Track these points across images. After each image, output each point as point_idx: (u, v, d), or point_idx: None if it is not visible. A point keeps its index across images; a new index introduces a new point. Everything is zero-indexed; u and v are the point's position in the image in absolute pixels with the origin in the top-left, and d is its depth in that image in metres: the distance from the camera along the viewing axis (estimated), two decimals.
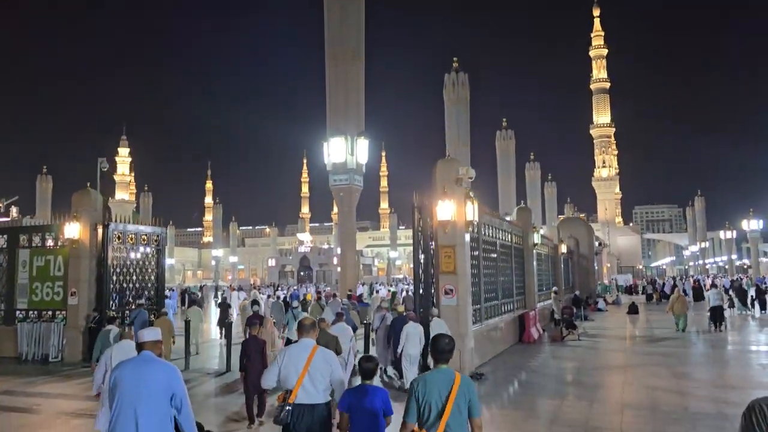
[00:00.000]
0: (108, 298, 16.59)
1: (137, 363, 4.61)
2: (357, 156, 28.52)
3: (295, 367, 5.00)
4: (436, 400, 4.10)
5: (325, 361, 5.08)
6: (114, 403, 4.45)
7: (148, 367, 4.55)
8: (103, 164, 16.78)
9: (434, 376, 4.22)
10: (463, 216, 13.24)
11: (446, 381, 4.15)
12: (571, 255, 37.67)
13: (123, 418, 4.36)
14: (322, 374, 5.02)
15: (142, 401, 4.36)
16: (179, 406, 4.52)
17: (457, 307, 13.11)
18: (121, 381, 4.48)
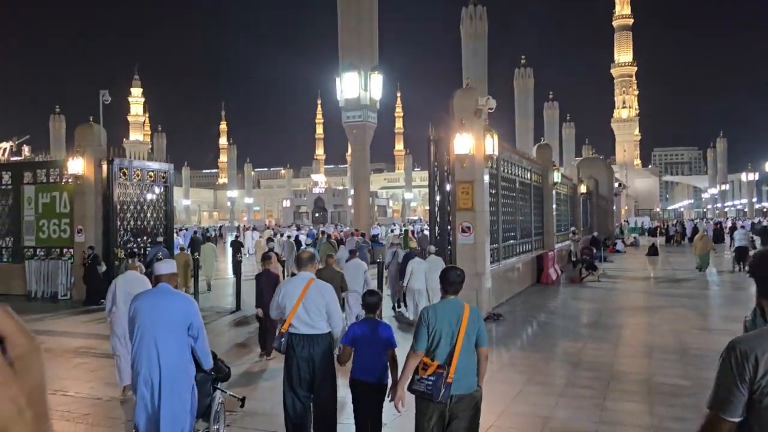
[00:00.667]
0: (115, 236, 16.19)
1: (155, 294, 4.79)
2: (371, 92, 27.54)
3: (290, 299, 5.14)
4: (446, 329, 4.11)
5: (320, 293, 5.17)
6: (135, 331, 4.64)
7: (166, 297, 4.72)
8: (105, 97, 16.08)
9: (444, 307, 4.23)
10: (482, 150, 12.45)
11: (456, 311, 4.17)
12: (590, 196, 36.78)
13: (144, 345, 4.57)
14: (317, 305, 5.10)
15: (161, 329, 4.55)
16: (195, 335, 4.66)
17: (474, 245, 12.49)
18: (141, 311, 4.66)
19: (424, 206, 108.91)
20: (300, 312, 5.10)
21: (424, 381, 4.09)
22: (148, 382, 4.58)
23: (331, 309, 5.21)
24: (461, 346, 4.07)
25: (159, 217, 17.86)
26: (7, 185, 17.69)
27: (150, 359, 4.56)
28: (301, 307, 5.09)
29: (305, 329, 5.10)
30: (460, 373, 4.05)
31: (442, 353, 4.09)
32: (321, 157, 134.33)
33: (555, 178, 21.75)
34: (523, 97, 74.78)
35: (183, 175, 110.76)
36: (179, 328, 4.60)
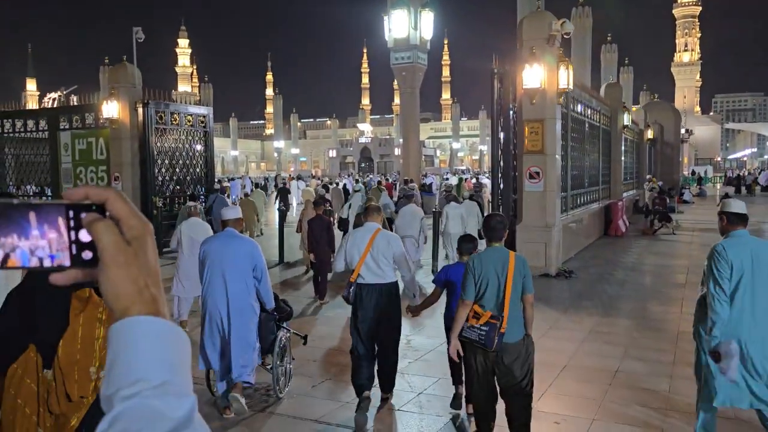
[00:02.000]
0: (153, 183, 15.32)
1: (223, 237, 5.11)
2: (421, 31, 25.66)
3: (358, 249, 5.14)
4: (492, 278, 4.06)
5: (387, 243, 5.19)
6: (205, 271, 5.01)
7: (233, 241, 5.03)
8: (139, 35, 14.95)
9: (489, 254, 4.19)
10: (555, 84, 10.84)
11: (501, 259, 4.12)
12: (654, 142, 34.36)
13: (214, 283, 4.95)
14: (384, 254, 5.13)
15: (228, 269, 4.88)
16: (259, 276, 4.99)
17: (544, 193, 11.03)
18: (210, 253, 5.00)
19: (472, 156, 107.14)
20: (368, 261, 5.11)
21: (476, 330, 4.06)
22: (216, 317, 4.97)
23: (399, 258, 5.20)
24: (510, 294, 4.03)
25: (199, 164, 16.90)
26: (43, 131, 16.98)
27: (219, 296, 4.93)
28: (369, 256, 5.11)
29: (373, 279, 5.12)
30: (509, 322, 4.03)
31: (489, 302, 4.07)
32: (367, 107, 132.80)
33: (624, 121, 19.82)
34: (581, 39, 70.28)
35: (231, 126, 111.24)
36: (245, 269, 4.94)
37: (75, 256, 0.66)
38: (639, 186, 27.55)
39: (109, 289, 0.67)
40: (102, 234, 0.66)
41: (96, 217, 0.66)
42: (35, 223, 0.64)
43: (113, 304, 0.67)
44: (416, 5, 25.28)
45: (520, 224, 11.20)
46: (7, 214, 0.63)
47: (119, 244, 0.67)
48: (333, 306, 8.92)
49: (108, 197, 0.68)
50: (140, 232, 0.69)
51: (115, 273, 0.66)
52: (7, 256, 0.64)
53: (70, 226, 0.65)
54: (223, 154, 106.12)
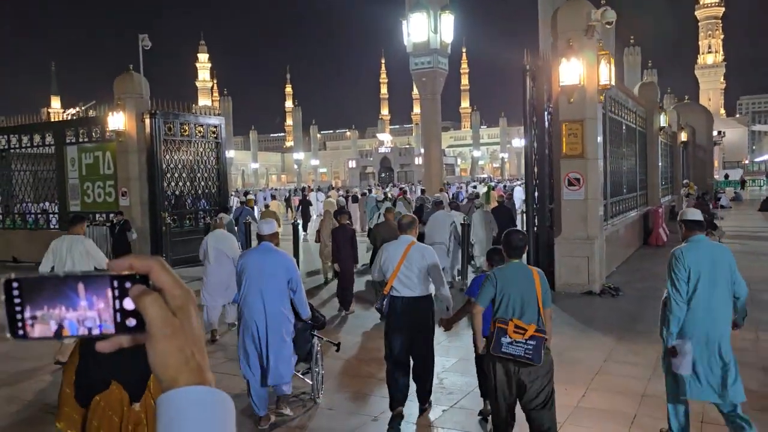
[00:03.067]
0: (161, 198, 14.50)
1: (260, 252, 5.28)
2: (441, 34, 24.70)
3: (392, 261, 5.20)
4: (515, 294, 4.03)
5: (421, 256, 5.19)
6: (243, 283, 5.16)
7: (269, 255, 5.21)
8: (145, 42, 14.18)
9: (512, 270, 4.16)
10: (595, 80, 9.76)
11: (525, 276, 4.11)
12: (686, 145, 32.91)
13: (251, 295, 5.11)
14: (418, 266, 5.14)
15: (265, 282, 5.07)
16: (295, 288, 5.17)
17: (585, 201, 9.92)
18: (248, 266, 5.18)
19: (493, 164, 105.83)
20: (401, 274, 5.15)
21: (519, 345, 3.95)
22: (252, 328, 5.10)
23: (433, 272, 5.19)
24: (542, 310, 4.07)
25: (212, 177, 16.06)
26: (49, 146, 16.29)
27: (256, 307, 5.07)
28: (402, 269, 5.15)
29: (406, 291, 5.16)
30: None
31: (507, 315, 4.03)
32: (386, 117, 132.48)
33: (661, 122, 18.59)
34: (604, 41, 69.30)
35: (251, 139, 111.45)
36: (281, 281, 5.09)
37: (119, 323, 0.68)
38: (674, 191, 26.19)
39: (157, 360, 0.68)
40: (149, 307, 0.67)
41: (143, 289, 0.68)
42: (84, 294, 0.67)
43: (161, 375, 0.68)
44: (435, 8, 24.35)
45: (558, 237, 10.10)
46: (56, 287, 0.66)
47: (166, 315, 0.68)
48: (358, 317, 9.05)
49: (151, 268, 0.69)
50: (184, 302, 0.70)
51: (163, 344, 0.67)
52: (61, 327, 0.66)
53: (115, 296, 0.68)
54: (243, 166, 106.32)
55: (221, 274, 8.04)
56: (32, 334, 0.66)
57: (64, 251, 7.64)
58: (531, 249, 10.59)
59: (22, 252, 16.27)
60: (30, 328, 0.66)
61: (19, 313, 0.66)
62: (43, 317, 0.66)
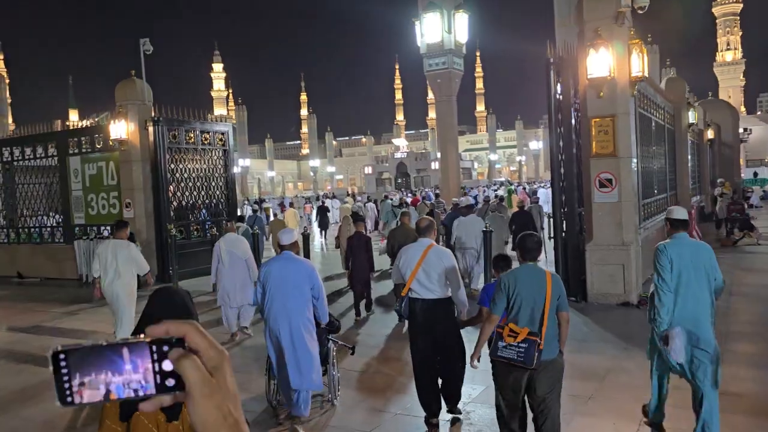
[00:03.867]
0: (167, 210, 13.87)
1: (282, 260, 5.43)
2: (455, 34, 23.99)
3: (410, 264, 5.23)
4: (527, 296, 4.07)
5: (439, 258, 5.21)
6: (267, 291, 5.31)
7: (291, 263, 5.37)
8: (147, 46, 13.61)
9: (524, 273, 4.18)
10: (627, 71, 8.93)
11: (538, 278, 4.12)
12: (712, 143, 31.75)
13: (275, 303, 5.25)
14: (435, 270, 5.16)
15: (288, 290, 5.22)
16: (317, 295, 5.33)
17: (619, 204, 9.08)
18: (270, 274, 5.34)
19: (510, 167, 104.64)
20: (419, 276, 5.17)
21: (513, 348, 4.02)
22: (276, 333, 5.25)
23: (450, 274, 5.21)
24: (548, 313, 4.04)
25: (219, 186, 15.42)
26: (52, 157, 15.77)
27: (280, 314, 5.22)
28: (420, 271, 5.17)
29: (425, 293, 5.17)
30: (547, 340, 4.03)
31: (524, 319, 4.05)
32: (402, 123, 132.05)
33: (690, 119, 17.64)
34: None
35: (266, 148, 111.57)
36: (304, 289, 5.24)
37: (160, 384, 0.71)
38: (701, 191, 25.10)
39: (197, 418, 0.71)
40: (188, 369, 0.71)
41: (181, 353, 0.71)
42: (128, 358, 0.70)
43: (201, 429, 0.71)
44: (449, 7, 23.65)
45: (590, 243, 9.25)
46: (101, 353, 0.69)
47: (204, 376, 0.71)
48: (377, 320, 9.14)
49: (187, 332, 0.73)
50: (219, 362, 0.73)
51: (203, 404, 0.71)
52: (109, 392, 0.69)
53: (154, 359, 0.71)
54: (260, 175, 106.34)
55: (235, 276, 8.30)
56: (82, 400, 0.69)
57: (109, 255, 7.97)
58: (560, 256, 9.77)
59: (27, 267, 15.77)
60: (78, 394, 0.69)
61: (67, 382, 0.69)
62: (91, 383, 0.69)
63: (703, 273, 4.47)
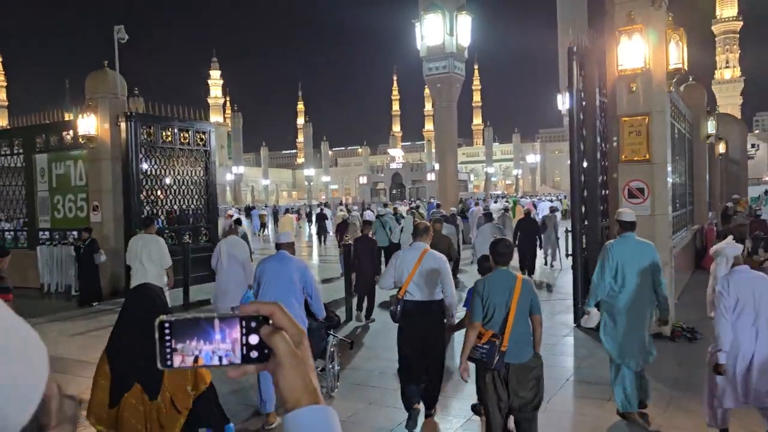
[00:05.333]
0: (137, 214, 12.53)
1: (278, 259, 5.64)
2: (457, 37, 22.82)
3: (407, 267, 5.31)
4: (498, 300, 4.19)
5: (434, 262, 5.30)
6: (261, 288, 5.53)
7: (285, 262, 5.58)
8: (121, 34, 12.31)
9: (496, 278, 4.32)
10: (664, 62, 7.69)
11: (508, 282, 4.24)
12: (720, 159, 30.65)
13: (268, 297, 5.40)
14: (431, 273, 5.25)
15: (281, 285, 5.40)
16: (310, 293, 5.54)
17: (651, 219, 7.79)
18: (266, 271, 5.58)
19: (506, 181, 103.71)
20: (416, 279, 5.26)
21: (479, 349, 4.17)
22: None
23: (444, 279, 5.28)
24: (514, 315, 4.14)
25: (198, 190, 14.09)
26: (18, 154, 14.42)
27: None
28: (417, 274, 5.26)
29: (420, 296, 5.26)
30: (514, 342, 4.11)
31: (496, 323, 4.18)
32: (398, 134, 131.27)
33: (708, 129, 16.47)
34: None
35: (261, 156, 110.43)
36: (296, 287, 5.44)
37: (245, 355, 0.80)
38: (712, 207, 23.92)
39: (285, 384, 0.79)
40: (279, 343, 0.80)
41: (272, 329, 0.80)
42: (218, 330, 0.79)
43: (288, 396, 0.79)
44: (451, 8, 22.48)
45: None
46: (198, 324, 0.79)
47: (291, 350, 0.80)
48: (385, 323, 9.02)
49: (273, 311, 0.81)
50: (300, 338, 0.82)
51: (290, 372, 0.79)
52: (197, 357, 0.79)
53: (242, 333, 0.79)
54: (254, 183, 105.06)
55: (231, 277, 8.46)
56: (175, 364, 0.78)
57: (138, 248, 8.84)
58: (579, 277, 8.47)
59: None
60: (174, 359, 0.78)
61: (168, 348, 0.78)
62: (184, 349, 0.78)
63: (646, 270, 5.11)
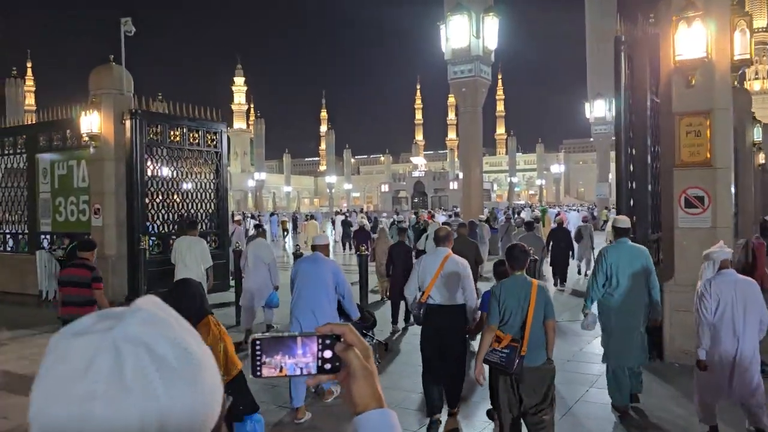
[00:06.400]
0: (142, 218, 11.75)
1: (312, 260, 5.91)
2: (484, 39, 21.82)
3: (430, 271, 5.42)
4: (515, 304, 4.25)
5: (455, 266, 5.41)
6: (295, 287, 5.77)
7: (320, 263, 5.80)
8: (128, 26, 11.59)
9: (512, 283, 4.39)
10: (728, 52, 6.67)
11: (524, 286, 4.31)
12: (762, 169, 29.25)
13: (302, 296, 5.71)
14: (453, 277, 5.35)
15: (314, 285, 5.64)
16: (343, 293, 5.77)
17: (713, 231, 6.74)
18: (300, 272, 5.81)
19: (529, 191, 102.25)
20: (438, 284, 5.36)
21: (497, 353, 4.21)
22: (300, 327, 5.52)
23: (465, 283, 5.38)
24: (532, 320, 4.19)
25: (207, 193, 13.30)
26: (20, 153, 13.78)
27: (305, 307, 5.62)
28: (439, 279, 5.37)
29: (442, 300, 5.36)
30: (531, 346, 4.18)
31: (512, 327, 4.23)
32: (421, 143, 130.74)
33: (754, 136, 15.30)
34: None
35: (284, 163, 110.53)
36: (329, 286, 5.65)
37: (320, 367, 0.92)
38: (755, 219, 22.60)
39: (357, 392, 0.90)
40: (352, 358, 0.91)
41: (345, 346, 0.91)
42: (300, 346, 0.92)
43: (359, 401, 0.90)
44: (478, 9, 21.52)
45: (669, 281, 6.92)
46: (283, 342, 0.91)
47: (362, 363, 0.91)
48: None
49: (344, 331, 0.92)
50: (367, 353, 0.93)
51: (361, 382, 0.90)
52: (281, 368, 0.91)
53: (319, 348, 0.92)
54: (275, 189, 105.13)
55: (257, 279, 8.88)
56: (264, 374, 0.91)
57: (183, 249, 9.27)
58: None
59: None
60: (263, 370, 0.91)
61: (258, 361, 0.90)
62: (271, 362, 0.91)
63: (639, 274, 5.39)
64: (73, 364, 0.58)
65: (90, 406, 0.56)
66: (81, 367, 0.58)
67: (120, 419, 0.57)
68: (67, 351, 0.59)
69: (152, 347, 0.61)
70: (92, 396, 0.57)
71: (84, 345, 0.59)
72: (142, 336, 0.61)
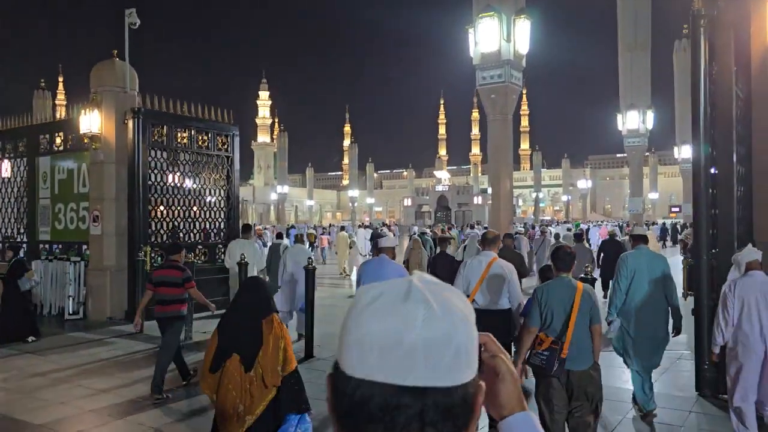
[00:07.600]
0: (142, 227, 10.72)
1: (377, 262, 6.09)
2: (515, 43, 20.63)
3: (475, 275, 5.43)
4: (558, 307, 4.20)
5: (502, 271, 5.37)
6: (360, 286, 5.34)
7: (384, 265, 5.85)
8: (132, 18, 10.64)
9: (556, 285, 4.34)
10: None
11: (568, 289, 4.25)
12: None
13: None
14: (499, 281, 5.34)
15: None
16: None
17: None
18: (365, 271, 6.04)
19: (554, 207, 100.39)
20: (483, 288, 5.35)
21: (539, 355, 4.19)
22: None
23: (511, 287, 5.36)
24: (575, 323, 4.14)
25: (217, 202, 12.25)
26: (20, 155, 12.89)
27: None
28: (484, 283, 5.35)
29: (487, 304, 5.35)
30: (574, 350, 4.11)
31: (555, 329, 4.18)
32: (444, 158, 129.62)
33: None
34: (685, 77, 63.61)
35: (307, 176, 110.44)
36: None
37: None
38: None
39: (504, 395, 0.92)
40: (501, 364, 0.92)
41: (493, 354, 0.93)
42: None
43: (506, 404, 0.92)
44: (509, 12, 20.37)
45: None
46: None
47: (510, 368, 0.93)
48: None
49: (486, 341, 0.93)
50: (510, 361, 0.94)
51: (509, 386, 0.92)
52: None
53: None
54: (298, 203, 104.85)
55: (294, 285, 9.09)
56: None
57: (237, 251, 9.75)
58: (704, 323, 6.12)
59: None
60: None
61: None
62: None
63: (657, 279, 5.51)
64: (394, 293, 0.75)
65: (412, 324, 0.72)
66: (401, 293, 0.74)
67: (434, 336, 0.72)
68: (384, 286, 0.77)
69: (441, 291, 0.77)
70: (414, 317, 0.72)
71: (398, 284, 0.76)
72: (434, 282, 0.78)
